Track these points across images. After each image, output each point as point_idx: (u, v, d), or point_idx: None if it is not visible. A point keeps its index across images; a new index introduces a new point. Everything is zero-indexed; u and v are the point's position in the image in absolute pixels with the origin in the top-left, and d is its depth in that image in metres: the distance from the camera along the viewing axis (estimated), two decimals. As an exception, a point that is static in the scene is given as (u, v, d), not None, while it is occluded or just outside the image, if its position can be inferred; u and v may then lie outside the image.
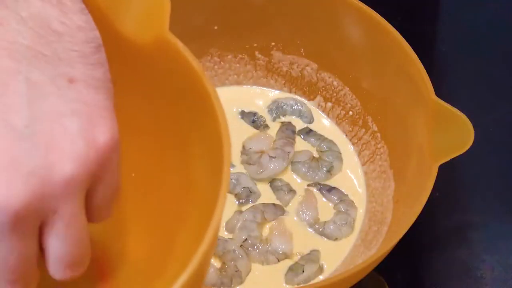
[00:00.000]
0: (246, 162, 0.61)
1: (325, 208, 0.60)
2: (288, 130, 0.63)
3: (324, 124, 0.65)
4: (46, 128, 0.31)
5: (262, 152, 0.61)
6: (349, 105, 0.64)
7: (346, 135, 0.64)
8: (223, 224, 0.58)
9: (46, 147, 0.31)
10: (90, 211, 0.34)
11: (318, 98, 0.66)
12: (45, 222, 0.32)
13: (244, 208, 0.59)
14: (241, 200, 0.59)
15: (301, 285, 0.55)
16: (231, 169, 0.61)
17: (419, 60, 0.55)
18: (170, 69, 0.38)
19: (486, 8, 0.79)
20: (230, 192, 0.60)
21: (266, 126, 0.64)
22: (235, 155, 0.62)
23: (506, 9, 0.80)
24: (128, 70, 0.40)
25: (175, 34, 0.62)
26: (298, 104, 0.66)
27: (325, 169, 0.62)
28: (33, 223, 0.32)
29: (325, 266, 0.57)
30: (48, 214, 0.32)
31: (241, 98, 0.66)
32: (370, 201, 0.60)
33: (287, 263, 0.56)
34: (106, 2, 0.37)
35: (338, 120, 0.65)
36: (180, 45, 0.37)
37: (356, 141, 0.64)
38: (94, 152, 0.32)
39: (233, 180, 0.60)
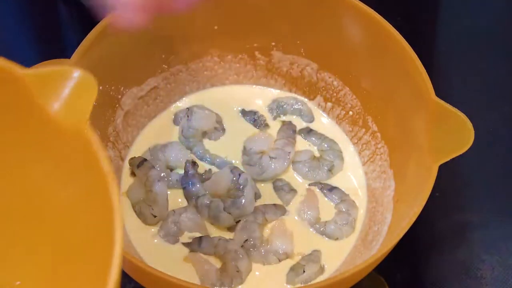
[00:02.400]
0: (247, 163, 0.61)
1: (326, 207, 0.60)
2: (288, 130, 0.63)
3: (324, 123, 0.65)
4: None
5: (262, 152, 0.61)
6: (349, 105, 0.64)
7: (346, 135, 0.64)
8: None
9: None
10: None
11: (318, 98, 0.66)
12: None
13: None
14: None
15: (302, 285, 0.55)
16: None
17: (419, 60, 0.55)
18: (83, 161, 0.38)
19: (486, 8, 0.79)
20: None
21: (267, 125, 0.64)
22: (237, 155, 0.62)
23: (506, 9, 0.80)
24: (46, 150, 0.41)
25: (176, 34, 0.62)
26: (299, 103, 0.66)
27: (326, 168, 0.62)
28: None
29: (326, 266, 0.57)
30: None
31: (241, 97, 0.66)
32: (370, 201, 0.60)
33: (289, 263, 0.56)
34: (33, 82, 0.38)
35: (338, 120, 0.65)
36: (95, 140, 0.37)
37: (356, 141, 0.64)
38: None
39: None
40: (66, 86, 0.38)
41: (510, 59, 0.75)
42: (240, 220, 0.57)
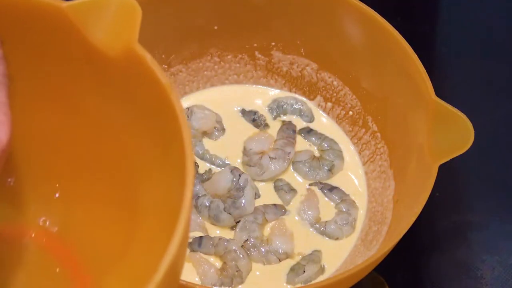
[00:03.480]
0: (246, 164, 0.61)
1: (327, 207, 0.60)
2: (288, 130, 0.63)
3: (324, 123, 0.65)
4: None
5: (262, 153, 0.61)
6: (349, 105, 0.64)
7: (346, 135, 0.64)
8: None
9: None
10: None
11: (318, 98, 0.66)
12: None
13: (244, 208, 0.59)
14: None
15: (302, 285, 0.55)
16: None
17: (419, 60, 0.55)
18: (139, 82, 0.38)
19: (486, 8, 0.79)
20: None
21: (267, 125, 0.64)
22: (237, 155, 0.62)
23: (506, 9, 0.80)
24: (99, 80, 0.40)
25: (176, 34, 0.62)
26: (299, 103, 0.66)
27: (326, 168, 0.62)
28: None
29: (326, 266, 0.57)
30: None
31: (241, 96, 0.66)
32: (370, 201, 0.60)
33: (289, 263, 0.56)
34: (76, 13, 0.38)
35: (338, 120, 0.65)
36: (148, 57, 0.37)
37: (356, 141, 0.64)
38: None
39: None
40: (108, 13, 0.37)
41: (510, 59, 0.75)
42: (240, 220, 0.57)
